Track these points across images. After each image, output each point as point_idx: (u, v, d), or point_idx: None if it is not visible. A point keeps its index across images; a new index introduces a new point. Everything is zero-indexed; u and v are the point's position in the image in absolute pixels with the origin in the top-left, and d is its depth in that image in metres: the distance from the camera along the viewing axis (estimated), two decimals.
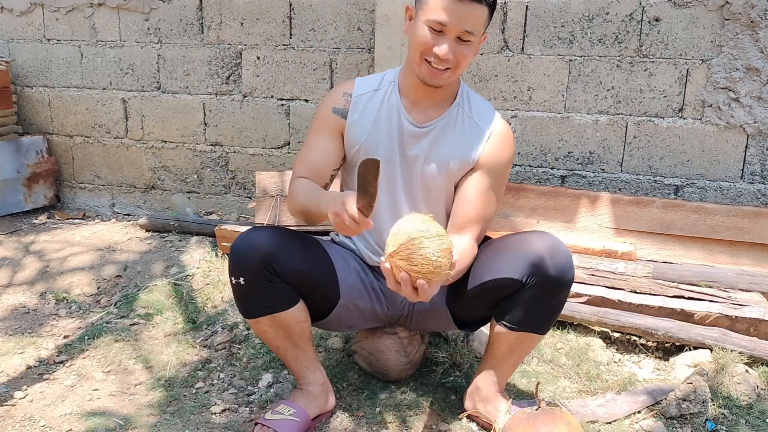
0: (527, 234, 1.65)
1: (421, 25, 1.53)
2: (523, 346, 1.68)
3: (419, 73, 1.58)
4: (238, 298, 1.65)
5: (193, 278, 2.62)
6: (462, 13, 1.49)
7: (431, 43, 1.53)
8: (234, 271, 1.59)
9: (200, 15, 3.25)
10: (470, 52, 1.55)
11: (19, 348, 2.20)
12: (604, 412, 1.80)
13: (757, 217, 2.51)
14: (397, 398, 1.87)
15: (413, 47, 1.57)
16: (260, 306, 1.62)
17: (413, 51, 1.58)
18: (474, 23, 1.52)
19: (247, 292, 1.61)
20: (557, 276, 1.54)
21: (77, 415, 1.80)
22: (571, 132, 2.87)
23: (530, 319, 1.61)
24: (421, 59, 1.56)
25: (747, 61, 2.63)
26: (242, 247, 1.58)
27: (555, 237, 1.60)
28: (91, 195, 3.66)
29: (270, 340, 1.70)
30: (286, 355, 1.72)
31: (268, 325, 1.65)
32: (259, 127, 3.28)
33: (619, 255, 2.48)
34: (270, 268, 1.56)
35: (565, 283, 1.57)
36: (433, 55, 1.53)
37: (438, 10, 1.50)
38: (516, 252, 1.59)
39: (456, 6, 1.48)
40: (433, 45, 1.52)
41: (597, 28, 2.76)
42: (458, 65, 1.56)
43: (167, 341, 2.23)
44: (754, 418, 1.81)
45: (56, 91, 3.57)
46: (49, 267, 2.80)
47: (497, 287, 1.60)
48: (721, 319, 2.13)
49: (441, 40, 1.52)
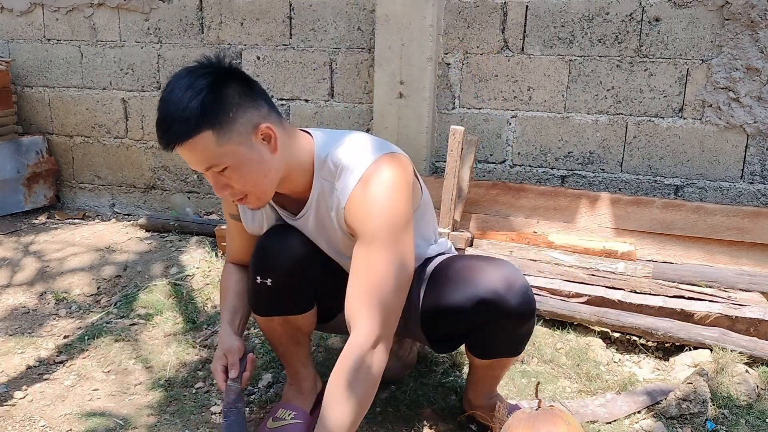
0: (478, 264, 1.50)
1: None
2: (500, 366, 1.65)
3: None
4: (259, 297, 1.58)
5: (193, 278, 2.62)
6: (185, 157, 1.30)
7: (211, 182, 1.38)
8: (261, 270, 1.52)
9: (200, 15, 3.25)
10: (243, 173, 1.32)
11: (19, 348, 2.20)
12: (604, 412, 1.80)
13: (757, 217, 2.51)
14: (397, 398, 1.87)
15: None
16: (279, 308, 1.59)
17: None
18: (205, 158, 1.29)
19: (272, 293, 1.54)
20: (518, 310, 1.44)
21: (77, 415, 1.80)
22: (571, 132, 2.87)
23: (499, 349, 1.56)
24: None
25: (747, 61, 2.63)
26: (275, 248, 1.50)
27: (510, 266, 1.48)
28: (91, 195, 3.66)
29: (275, 338, 1.68)
30: (285, 351, 1.71)
31: (280, 324, 1.63)
32: None
33: (619, 255, 2.48)
34: (301, 272, 1.52)
35: (528, 314, 1.47)
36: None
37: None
38: (470, 286, 1.45)
39: (175, 155, 1.38)
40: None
41: (597, 28, 2.76)
42: (248, 187, 1.35)
43: (167, 341, 2.23)
44: (754, 418, 1.81)
45: (56, 91, 3.57)
46: (49, 267, 2.80)
47: (456, 318, 1.50)
48: (721, 319, 2.12)
49: (209, 178, 1.35)
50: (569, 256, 2.46)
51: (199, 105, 1.24)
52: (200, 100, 1.25)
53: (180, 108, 1.24)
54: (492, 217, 2.76)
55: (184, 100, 1.24)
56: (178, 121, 1.24)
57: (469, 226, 2.75)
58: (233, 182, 1.34)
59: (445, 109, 2.99)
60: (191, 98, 1.24)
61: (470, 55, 2.92)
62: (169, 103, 1.26)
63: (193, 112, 1.24)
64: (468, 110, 2.97)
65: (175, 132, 1.25)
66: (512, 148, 2.95)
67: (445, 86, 2.97)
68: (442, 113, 2.99)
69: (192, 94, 1.24)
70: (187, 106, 1.24)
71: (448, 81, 2.96)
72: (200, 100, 1.25)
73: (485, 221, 2.75)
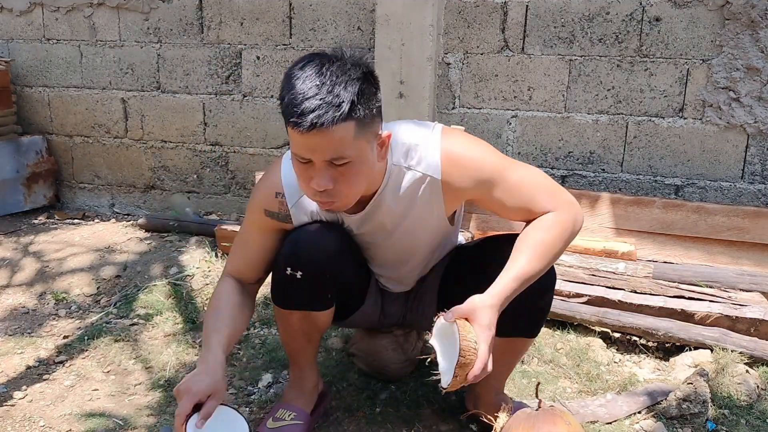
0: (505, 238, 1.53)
1: (293, 155, 1.32)
2: (515, 350, 1.66)
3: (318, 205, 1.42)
4: (285, 288, 1.55)
5: (192, 278, 2.62)
6: (314, 145, 1.25)
7: (308, 177, 1.31)
8: (292, 262, 1.49)
9: (200, 15, 3.25)
10: (357, 171, 1.31)
11: (19, 348, 2.20)
12: (605, 413, 1.80)
13: (757, 217, 2.51)
14: (397, 398, 1.86)
15: (298, 181, 1.38)
16: (302, 302, 1.57)
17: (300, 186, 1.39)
18: (335, 148, 1.26)
19: (300, 287, 1.51)
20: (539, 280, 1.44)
21: (77, 416, 1.79)
22: (571, 132, 2.87)
23: (518, 324, 1.55)
24: (310, 194, 1.37)
25: (747, 60, 2.63)
26: (312, 241, 1.48)
27: None
28: (90, 195, 3.66)
29: (290, 333, 1.65)
30: (297, 347, 1.68)
31: (299, 319, 1.60)
32: (259, 127, 3.28)
33: (619, 255, 2.48)
34: (332, 269, 1.51)
35: (547, 286, 1.52)
36: (312, 190, 1.33)
37: (293, 144, 1.29)
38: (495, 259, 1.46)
39: (306, 138, 1.24)
40: (310, 178, 1.31)
41: (597, 27, 2.76)
42: (347, 188, 1.33)
43: (167, 341, 2.22)
44: (755, 418, 1.81)
45: (56, 91, 3.57)
46: (49, 267, 2.80)
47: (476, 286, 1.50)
48: (722, 320, 2.12)
49: (313, 172, 1.30)
50: (569, 256, 2.46)
51: (353, 94, 1.23)
52: (355, 91, 1.24)
53: (334, 93, 1.22)
54: (492, 217, 2.75)
55: (338, 85, 1.22)
56: (328, 105, 1.22)
57: (468, 226, 2.75)
58: (342, 179, 1.31)
59: (446, 109, 2.99)
60: (346, 85, 1.23)
61: (470, 54, 2.92)
62: (322, 85, 1.22)
63: (347, 100, 1.23)
64: (468, 110, 2.97)
65: (322, 115, 1.21)
66: (512, 148, 2.95)
67: (445, 86, 2.97)
68: (442, 113, 2.99)
69: (347, 82, 1.23)
70: (341, 92, 1.23)
71: (448, 81, 2.96)
72: (355, 91, 1.24)
73: (485, 221, 2.75)
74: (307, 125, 1.22)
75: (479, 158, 1.44)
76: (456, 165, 1.43)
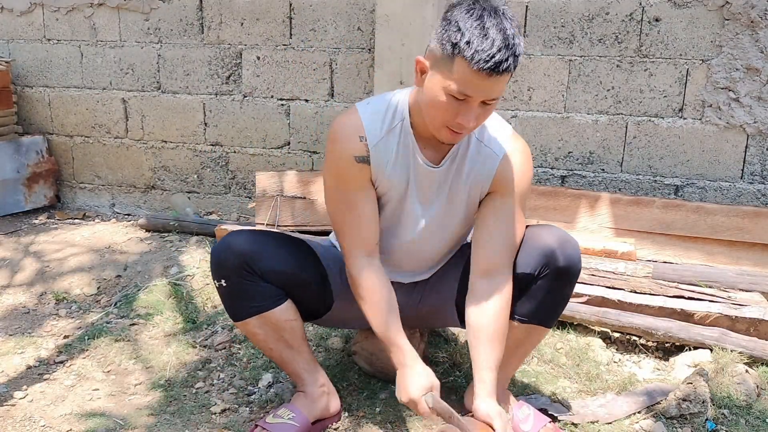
0: (536, 228, 1.65)
1: (441, 91, 1.38)
2: (529, 340, 1.69)
3: (437, 135, 1.46)
4: (224, 301, 1.67)
5: (193, 278, 2.62)
6: (488, 87, 1.36)
7: (454, 113, 1.39)
8: (216, 274, 1.62)
9: (200, 15, 3.25)
10: (493, 107, 1.44)
11: (19, 348, 2.20)
12: (605, 413, 1.80)
13: (757, 217, 2.51)
14: (397, 398, 1.86)
15: (431, 112, 1.42)
16: (246, 307, 1.63)
17: (432, 116, 1.43)
18: (500, 89, 1.39)
19: (230, 293, 1.63)
20: (568, 267, 1.57)
21: (77, 415, 1.80)
22: (571, 132, 2.87)
23: (539, 311, 1.63)
24: (441, 125, 1.43)
25: (747, 61, 2.63)
26: (221, 250, 1.61)
27: (563, 230, 1.62)
28: (91, 195, 3.66)
29: (262, 343, 1.69)
30: (280, 357, 1.71)
31: (257, 326, 1.65)
32: (259, 127, 3.28)
33: (619, 255, 2.48)
34: (248, 268, 1.58)
35: (574, 274, 1.60)
36: (456, 124, 1.40)
37: (463, 83, 1.35)
38: (527, 246, 1.60)
39: (483, 81, 1.34)
40: (456, 114, 1.38)
41: (597, 28, 2.76)
42: (480, 123, 1.45)
43: (167, 341, 2.23)
44: (754, 418, 1.81)
45: (56, 91, 3.57)
46: (49, 267, 2.80)
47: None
48: (721, 319, 2.12)
49: (465, 109, 1.38)
50: None
51: (521, 43, 1.38)
52: (521, 40, 1.38)
53: (516, 42, 1.35)
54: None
55: (517, 36, 1.36)
56: (514, 54, 1.35)
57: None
58: (482, 116, 1.42)
59: None
60: (518, 35, 1.36)
61: None
62: (514, 36, 1.35)
63: (521, 48, 1.37)
64: None
65: (511, 61, 1.34)
66: None
67: None
68: None
69: (517, 32, 1.36)
70: (520, 42, 1.37)
71: None
72: (521, 40, 1.38)
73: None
74: (497, 70, 1.33)
75: (527, 171, 1.62)
76: (512, 160, 1.59)
